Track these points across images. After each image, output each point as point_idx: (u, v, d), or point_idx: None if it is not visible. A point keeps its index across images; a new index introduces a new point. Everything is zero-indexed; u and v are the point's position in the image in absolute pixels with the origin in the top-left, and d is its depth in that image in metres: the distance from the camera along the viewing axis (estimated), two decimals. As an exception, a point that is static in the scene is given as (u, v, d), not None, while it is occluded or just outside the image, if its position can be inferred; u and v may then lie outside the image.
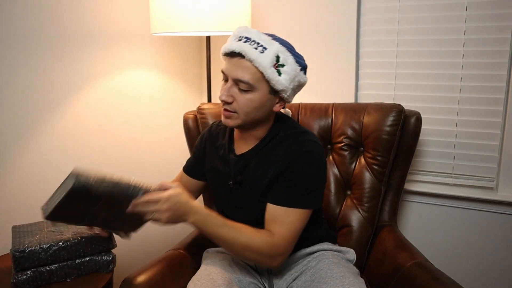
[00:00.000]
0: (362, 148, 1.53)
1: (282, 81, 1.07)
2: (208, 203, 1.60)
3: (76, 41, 1.59)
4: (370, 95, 1.85)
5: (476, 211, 1.70)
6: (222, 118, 1.14)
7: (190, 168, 1.36)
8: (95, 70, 1.67)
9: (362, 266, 1.43)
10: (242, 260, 1.09)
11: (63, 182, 0.96)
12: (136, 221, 1.07)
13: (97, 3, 1.64)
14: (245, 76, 1.06)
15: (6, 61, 1.40)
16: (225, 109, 1.11)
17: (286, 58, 1.07)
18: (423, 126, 1.53)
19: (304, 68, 1.12)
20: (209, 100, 1.90)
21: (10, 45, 1.40)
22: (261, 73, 1.06)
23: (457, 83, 1.69)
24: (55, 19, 1.51)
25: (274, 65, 1.06)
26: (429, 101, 1.75)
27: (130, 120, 1.84)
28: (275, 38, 1.09)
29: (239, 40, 1.07)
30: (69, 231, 1.29)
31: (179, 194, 1.04)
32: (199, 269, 1.21)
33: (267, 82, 1.07)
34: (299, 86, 1.14)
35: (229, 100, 1.09)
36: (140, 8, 1.80)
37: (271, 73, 1.06)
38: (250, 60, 1.05)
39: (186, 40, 2.07)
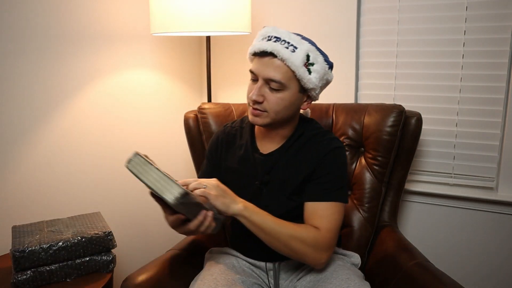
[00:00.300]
0: (362, 149, 1.53)
1: (312, 79, 1.10)
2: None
3: (76, 41, 1.58)
4: (370, 95, 1.85)
5: (476, 211, 1.70)
6: (250, 117, 1.15)
7: (208, 175, 1.23)
8: (95, 70, 1.67)
9: (363, 266, 1.42)
10: (286, 255, 1.10)
11: (139, 175, 0.94)
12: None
13: (97, 3, 1.63)
14: (277, 75, 1.08)
15: (6, 61, 1.40)
16: (254, 108, 1.13)
17: (316, 57, 1.10)
18: (423, 126, 1.53)
19: (331, 66, 1.15)
20: (209, 100, 1.89)
21: (10, 45, 1.40)
22: (293, 72, 1.08)
23: (457, 83, 1.69)
24: (55, 19, 1.51)
25: (305, 64, 1.08)
26: (429, 101, 1.75)
27: (130, 120, 1.83)
28: (303, 37, 1.11)
29: (269, 39, 1.09)
30: (69, 231, 1.29)
31: (226, 187, 1.08)
32: (202, 270, 1.21)
33: (298, 81, 1.10)
34: (326, 84, 1.17)
35: (260, 99, 1.10)
36: (140, 8, 1.80)
37: (302, 72, 1.08)
38: (282, 60, 1.07)
39: (186, 40, 2.07)
